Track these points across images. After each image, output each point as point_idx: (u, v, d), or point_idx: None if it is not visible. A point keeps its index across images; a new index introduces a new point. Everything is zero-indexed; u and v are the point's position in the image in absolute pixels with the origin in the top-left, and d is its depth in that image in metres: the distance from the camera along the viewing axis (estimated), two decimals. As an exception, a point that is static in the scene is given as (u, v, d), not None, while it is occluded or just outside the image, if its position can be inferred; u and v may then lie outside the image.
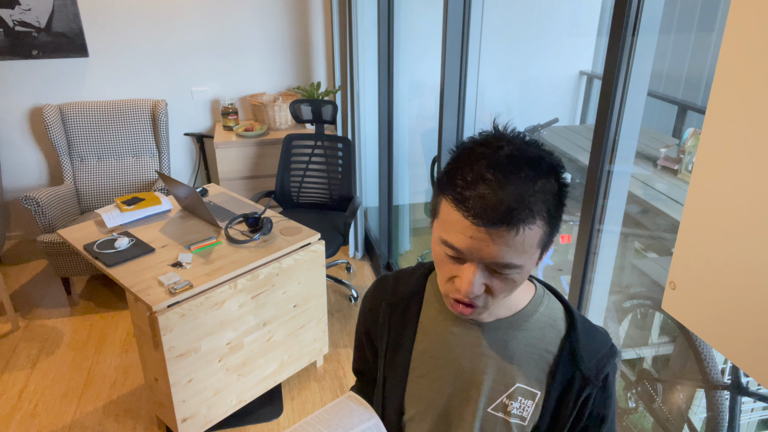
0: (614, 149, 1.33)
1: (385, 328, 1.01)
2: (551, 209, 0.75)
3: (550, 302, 0.93)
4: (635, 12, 1.21)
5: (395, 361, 1.00)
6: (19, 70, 3.48)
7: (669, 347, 2.12)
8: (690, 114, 2.94)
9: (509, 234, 0.72)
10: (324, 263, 2.44)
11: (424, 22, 3.32)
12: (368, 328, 1.06)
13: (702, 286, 0.78)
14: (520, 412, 0.90)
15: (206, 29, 3.65)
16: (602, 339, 0.91)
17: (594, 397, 0.88)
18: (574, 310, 0.93)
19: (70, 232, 2.33)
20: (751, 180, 0.69)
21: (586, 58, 3.71)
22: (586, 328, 0.91)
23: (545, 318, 0.91)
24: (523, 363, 0.90)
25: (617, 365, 0.91)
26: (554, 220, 0.77)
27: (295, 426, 0.96)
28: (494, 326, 0.91)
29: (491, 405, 0.91)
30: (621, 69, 1.26)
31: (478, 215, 0.72)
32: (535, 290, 0.93)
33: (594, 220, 1.42)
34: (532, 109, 3.79)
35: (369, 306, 1.05)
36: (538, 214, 0.73)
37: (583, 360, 0.88)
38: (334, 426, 0.95)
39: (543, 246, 0.78)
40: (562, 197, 0.78)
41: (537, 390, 0.89)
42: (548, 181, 0.75)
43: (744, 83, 0.68)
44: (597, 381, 0.87)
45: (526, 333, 0.90)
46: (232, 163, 3.56)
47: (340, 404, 1.00)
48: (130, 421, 2.42)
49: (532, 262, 0.78)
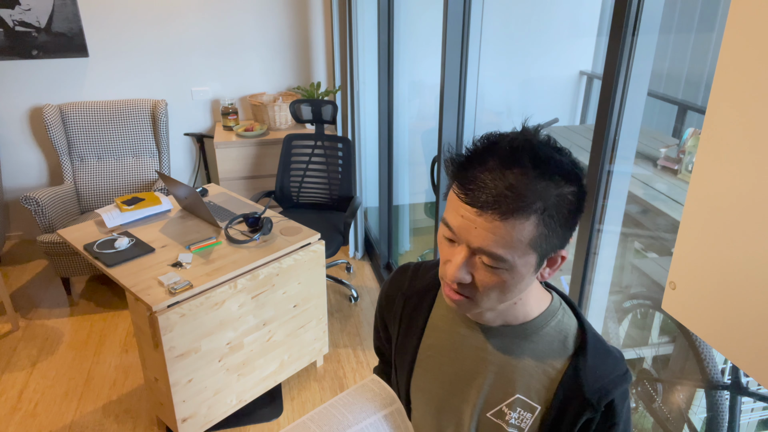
0: (614, 149, 1.33)
1: (398, 319, 1.03)
2: (552, 213, 0.73)
3: (565, 317, 0.90)
4: (635, 12, 1.21)
5: (404, 352, 1.01)
6: (19, 70, 3.48)
7: (669, 347, 2.12)
8: (690, 114, 2.94)
9: (497, 222, 0.72)
10: (324, 263, 2.44)
11: (424, 22, 3.32)
12: (383, 314, 1.08)
13: (702, 286, 0.78)
14: (518, 423, 0.88)
15: (206, 29, 3.65)
16: (613, 363, 0.87)
17: (596, 422, 0.85)
18: (589, 329, 0.89)
19: (70, 232, 2.33)
20: (750, 180, 0.69)
21: (586, 58, 3.71)
22: (598, 349, 0.87)
23: (556, 333, 0.88)
24: (526, 375, 0.88)
25: (628, 392, 0.87)
26: (554, 224, 0.74)
27: (319, 408, 0.96)
28: (501, 332, 0.89)
29: (490, 410, 0.90)
30: (621, 69, 1.26)
31: (470, 196, 0.73)
32: (551, 303, 0.90)
33: (594, 220, 1.43)
34: (532, 109, 3.79)
35: (386, 293, 1.07)
36: (533, 211, 0.72)
37: (587, 382, 0.84)
38: (357, 410, 0.95)
39: (539, 250, 0.76)
40: (570, 206, 0.75)
41: (537, 404, 0.87)
42: (554, 184, 0.73)
43: (744, 83, 0.68)
44: (598, 406, 0.83)
45: (533, 345, 0.88)
46: (232, 163, 3.56)
47: (363, 387, 1.00)
48: (130, 421, 2.42)
49: (524, 263, 0.76)
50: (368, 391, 0.99)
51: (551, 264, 0.81)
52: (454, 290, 0.81)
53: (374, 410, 0.96)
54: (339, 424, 0.92)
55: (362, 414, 0.94)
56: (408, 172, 3.56)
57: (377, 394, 0.98)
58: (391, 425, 0.95)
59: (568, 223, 0.76)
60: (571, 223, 0.77)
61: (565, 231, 0.77)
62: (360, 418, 0.94)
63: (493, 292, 0.79)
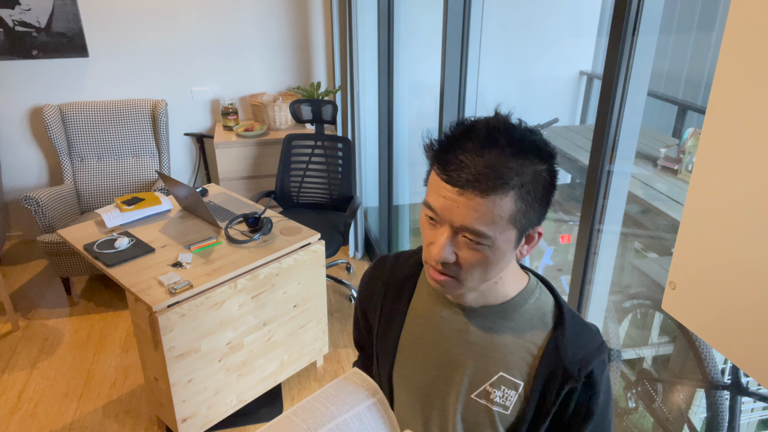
0: (614, 149, 1.33)
1: (378, 307, 1.05)
2: (530, 189, 0.78)
3: (542, 295, 0.94)
4: (635, 12, 1.21)
5: (386, 340, 1.03)
6: (19, 70, 3.48)
7: (669, 347, 2.12)
8: (690, 114, 2.94)
9: (478, 199, 0.76)
10: (324, 263, 2.44)
11: (424, 22, 3.32)
12: (363, 304, 1.10)
13: (702, 286, 0.78)
14: (503, 401, 0.91)
15: (206, 29, 3.65)
16: (590, 336, 0.91)
17: (578, 393, 0.88)
18: (565, 305, 0.94)
19: (70, 232, 2.33)
20: (751, 180, 0.69)
21: (586, 58, 3.71)
22: (575, 324, 0.91)
23: (534, 310, 0.92)
24: (508, 353, 0.91)
25: (605, 362, 0.91)
26: (532, 200, 0.78)
27: (302, 402, 0.97)
28: (482, 313, 0.93)
29: (474, 391, 0.93)
30: (621, 69, 1.26)
31: (451, 176, 0.77)
32: (528, 282, 0.94)
33: (594, 220, 1.42)
34: (532, 109, 3.79)
35: (366, 283, 1.09)
36: (512, 187, 0.76)
37: (566, 355, 0.88)
38: (340, 402, 0.96)
39: (518, 225, 0.79)
40: (545, 182, 0.79)
41: (520, 381, 0.90)
42: (529, 161, 0.77)
43: (744, 83, 0.68)
44: (579, 377, 0.87)
45: (514, 323, 0.91)
46: (232, 163, 3.56)
47: (345, 380, 1.01)
48: (130, 421, 2.42)
49: (504, 239, 0.80)
50: (350, 384, 1.00)
51: (529, 241, 0.85)
52: (438, 271, 0.84)
53: (357, 402, 0.97)
54: (322, 417, 0.94)
55: (345, 406, 0.96)
56: (408, 172, 3.56)
57: (359, 386, 1.00)
58: (375, 415, 0.97)
59: (544, 199, 0.81)
60: (547, 199, 0.81)
61: (541, 206, 0.81)
62: (343, 410, 0.95)
63: (476, 269, 0.82)
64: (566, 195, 3.15)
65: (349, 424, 0.94)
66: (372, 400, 0.98)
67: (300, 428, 0.92)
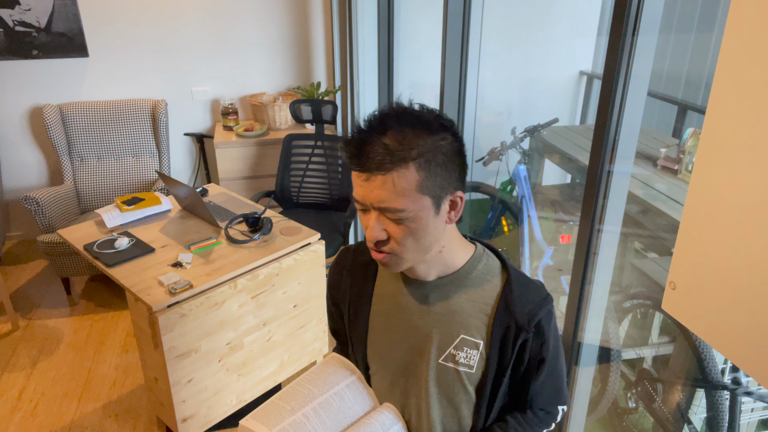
0: (614, 149, 1.33)
1: (347, 295, 1.13)
2: (429, 158, 0.85)
3: (489, 260, 1.03)
4: (635, 12, 1.21)
5: (357, 323, 1.10)
6: (19, 70, 3.48)
7: (669, 347, 2.12)
8: (690, 114, 2.94)
9: (384, 177, 0.85)
10: (324, 263, 2.44)
11: (424, 21, 3.32)
12: (333, 295, 1.18)
13: (702, 286, 0.78)
14: (467, 361, 1.00)
15: (206, 29, 3.65)
16: (535, 290, 1.00)
17: (530, 342, 0.98)
18: (511, 265, 1.03)
19: (70, 232, 2.33)
20: (750, 180, 0.69)
21: (586, 58, 3.71)
22: (521, 281, 1.00)
23: (484, 274, 1.01)
24: (466, 315, 1.00)
25: (552, 312, 1.00)
26: (433, 167, 0.86)
27: (286, 387, 1.05)
28: (438, 284, 1.01)
29: (441, 356, 1.01)
30: (621, 69, 1.26)
31: (361, 166, 0.86)
32: (475, 250, 1.03)
33: (594, 220, 1.42)
34: (532, 109, 3.79)
35: (332, 274, 1.17)
36: (410, 159, 0.84)
37: (516, 310, 0.97)
38: (321, 383, 1.05)
39: (428, 192, 0.86)
40: (445, 150, 0.87)
41: (479, 340, 0.99)
42: (424, 135, 0.86)
43: (744, 83, 0.68)
44: (530, 327, 0.97)
45: (467, 288, 1.00)
46: (232, 163, 3.56)
47: (325, 364, 1.10)
48: (130, 421, 2.42)
49: (421, 208, 0.87)
50: (329, 366, 1.09)
51: (453, 207, 0.93)
52: (377, 251, 0.92)
53: (336, 382, 1.06)
54: (305, 398, 1.02)
55: (326, 386, 1.04)
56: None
57: (338, 368, 1.09)
58: (354, 392, 1.06)
59: (447, 166, 0.88)
60: (450, 166, 0.89)
61: (447, 172, 0.88)
62: (324, 390, 1.04)
63: (407, 240, 0.90)
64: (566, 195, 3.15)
65: (330, 402, 1.02)
66: (350, 379, 1.07)
67: (285, 410, 1.00)
